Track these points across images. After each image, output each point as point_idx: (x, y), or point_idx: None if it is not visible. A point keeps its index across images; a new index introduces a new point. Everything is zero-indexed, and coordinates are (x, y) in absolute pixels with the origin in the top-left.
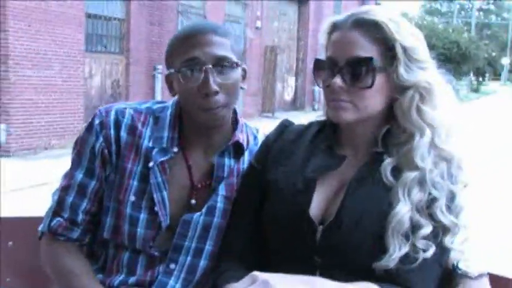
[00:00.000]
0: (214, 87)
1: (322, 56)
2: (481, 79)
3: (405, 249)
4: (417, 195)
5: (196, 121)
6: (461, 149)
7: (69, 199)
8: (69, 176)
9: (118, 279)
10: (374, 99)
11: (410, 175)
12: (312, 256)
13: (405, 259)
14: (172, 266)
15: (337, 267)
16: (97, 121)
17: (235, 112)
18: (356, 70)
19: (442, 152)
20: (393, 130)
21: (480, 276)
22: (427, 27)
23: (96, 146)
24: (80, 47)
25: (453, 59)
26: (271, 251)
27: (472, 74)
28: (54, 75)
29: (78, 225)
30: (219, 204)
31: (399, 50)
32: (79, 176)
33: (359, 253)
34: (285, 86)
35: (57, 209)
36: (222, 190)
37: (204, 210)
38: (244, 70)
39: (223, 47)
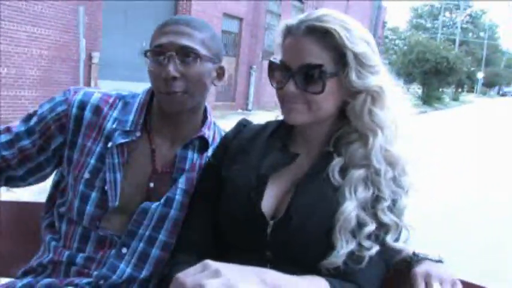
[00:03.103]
0: (173, 73)
1: (278, 54)
2: (460, 90)
3: (352, 245)
4: (362, 193)
5: (161, 107)
6: (408, 152)
7: (0, 139)
8: (14, 124)
9: (66, 253)
10: (326, 103)
11: (355, 173)
12: (264, 250)
13: (352, 257)
14: (124, 250)
15: (287, 262)
16: (61, 98)
17: (205, 110)
18: (308, 76)
19: (387, 153)
20: (344, 130)
21: (440, 261)
22: (421, 43)
23: (47, 117)
24: None
25: (443, 71)
26: (226, 245)
27: (453, 86)
28: None
29: None
30: (178, 197)
31: (350, 57)
32: (20, 128)
33: (307, 249)
34: None
35: None
36: (182, 184)
37: (162, 201)
38: (221, 68)
39: (190, 39)
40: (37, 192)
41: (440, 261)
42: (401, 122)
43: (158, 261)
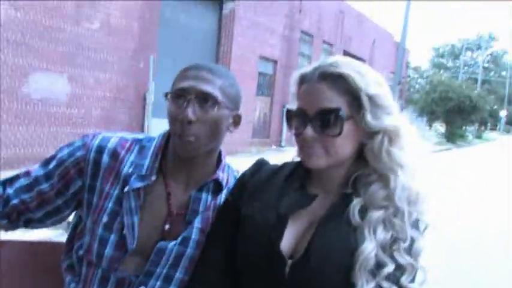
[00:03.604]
0: (191, 116)
1: (293, 103)
2: (483, 128)
3: (371, 285)
4: (381, 234)
5: (175, 151)
6: (427, 188)
7: (20, 182)
8: (34, 168)
9: None
10: (344, 145)
11: (375, 214)
12: None
13: None
14: None
15: None
16: (80, 143)
17: (220, 153)
18: (325, 120)
19: (407, 192)
20: (363, 172)
21: None
22: (444, 82)
23: (66, 161)
24: (253, 92)
25: (466, 110)
26: (243, 283)
27: (476, 124)
28: (241, 110)
29: (7, 205)
30: (194, 236)
31: (364, 99)
32: (39, 172)
33: None
34: None
35: (5, 181)
36: (197, 223)
37: (178, 240)
38: (238, 116)
39: (210, 84)
40: None
41: None
42: (420, 160)
43: None
